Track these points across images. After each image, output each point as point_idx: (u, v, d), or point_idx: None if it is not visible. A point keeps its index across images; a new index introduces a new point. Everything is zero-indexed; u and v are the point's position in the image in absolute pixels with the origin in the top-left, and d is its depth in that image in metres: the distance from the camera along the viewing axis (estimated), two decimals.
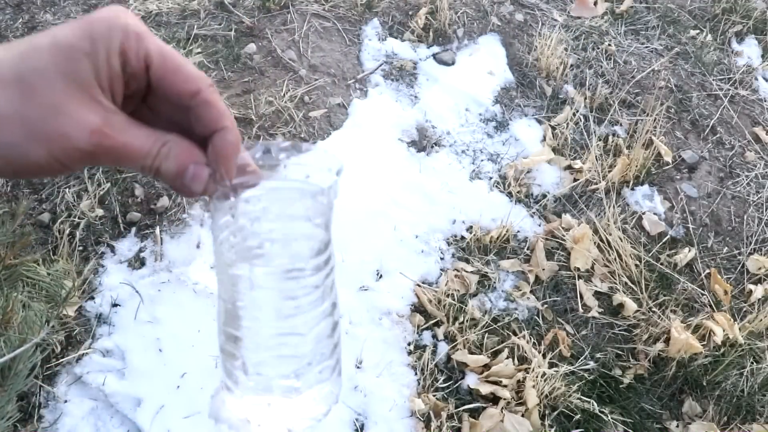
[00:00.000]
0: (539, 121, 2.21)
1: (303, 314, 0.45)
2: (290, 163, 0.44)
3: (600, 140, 2.14)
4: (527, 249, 1.85)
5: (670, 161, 2.13)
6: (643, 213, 1.99)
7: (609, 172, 2.04)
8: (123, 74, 0.38)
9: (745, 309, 1.81)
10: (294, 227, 0.45)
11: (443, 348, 1.60)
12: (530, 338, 1.64)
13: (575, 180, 2.02)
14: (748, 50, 2.62)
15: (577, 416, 1.52)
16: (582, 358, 1.64)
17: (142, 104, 0.42)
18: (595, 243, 1.85)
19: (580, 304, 1.75)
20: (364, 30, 2.38)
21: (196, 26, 2.29)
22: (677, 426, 1.58)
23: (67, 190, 1.76)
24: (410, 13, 2.47)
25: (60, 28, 0.37)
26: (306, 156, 0.45)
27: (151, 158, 0.39)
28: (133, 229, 1.72)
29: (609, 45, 2.49)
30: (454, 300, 1.67)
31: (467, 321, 1.63)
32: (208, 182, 0.41)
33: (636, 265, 1.81)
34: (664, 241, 1.92)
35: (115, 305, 1.57)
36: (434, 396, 1.52)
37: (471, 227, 1.86)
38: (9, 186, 1.77)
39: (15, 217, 1.02)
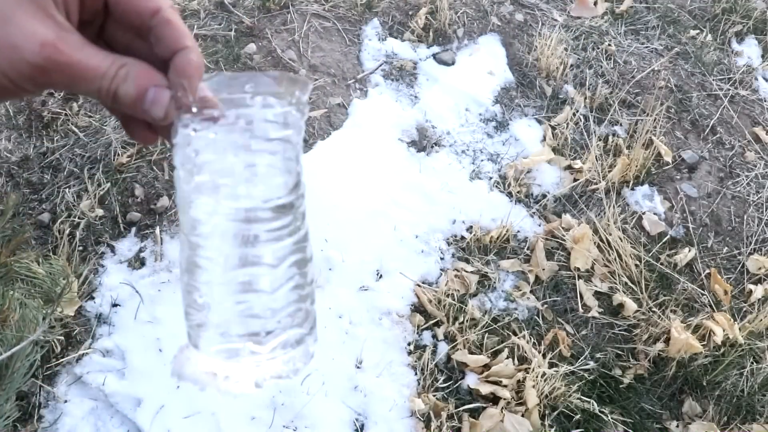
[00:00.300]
0: (539, 121, 2.21)
1: (270, 243, 0.41)
2: (255, 91, 0.41)
3: (600, 140, 2.14)
4: (527, 249, 1.85)
5: (670, 161, 2.13)
6: (643, 213, 1.99)
7: (609, 172, 2.04)
8: None
9: (745, 309, 1.81)
10: (259, 157, 0.42)
11: (443, 348, 1.60)
12: (530, 338, 1.64)
13: (575, 180, 2.02)
14: (748, 50, 2.62)
15: (577, 416, 1.52)
16: (582, 358, 1.64)
17: (99, 39, 0.40)
18: (595, 243, 1.85)
19: (580, 304, 1.75)
20: (364, 30, 2.38)
21: (196, 26, 2.29)
22: (677, 426, 1.58)
23: (67, 190, 1.77)
24: (410, 13, 2.47)
25: None
26: (271, 83, 0.42)
27: (108, 80, 0.36)
28: (133, 229, 1.72)
29: (609, 45, 2.49)
30: (454, 300, 1.67)
31: (467, 321, 1.63)
32: (169, 106, 0.38)
33: (636, 265, 1.81)
34: (664, 241, 1.92)
35: (115, 305, 1.57)
36: (434, 396, 1.52)
37: (471, 227, 1.86)
38: (9, 186, 1.77)
39: (4, 213, 1.02)
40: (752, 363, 1.65)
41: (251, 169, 0.41)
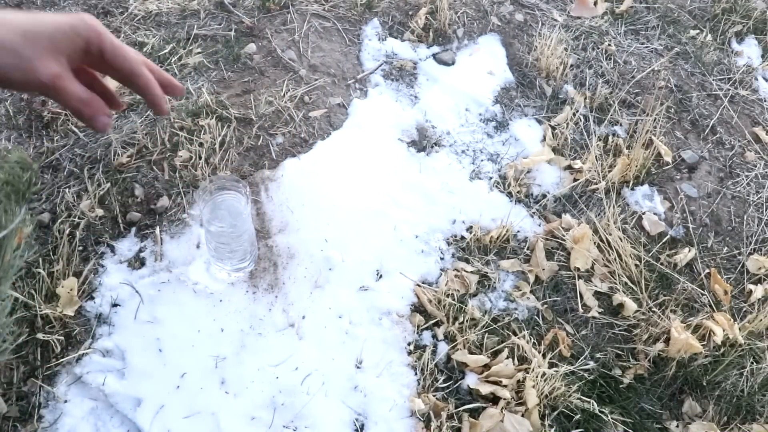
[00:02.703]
0: (539, 121, 2.21)
1: (237, 241, 1.49)
2: (229, 185, 1.49)
3: (600, 140, 2.14)
4: (527, 249, 1.85)
5: (670, 161, 2.13)
6: (643, 213, 1.99)
7: (609, 172, 2.04)
8: (84, 56, 0.64)
9: (745, 309, 1.81)
10: (232, 211, 1.47)
11: (443, 348, 1.60)
12: (530, 338, 1.64)
13: (575, 180, 2.02)
14: (748, 50, 2.62)
15: (577, 416, 1.52)
16: (582, 358, 1.64)
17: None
18: (595, 243, 1.85)
19: (580, 304, 1.75)
20: (364, 30, 2.38)
21: (196, 26, 2.29)
22: (677, 426, 1.58)
23: (67, 190, 1.76)
24: (410, 13, 2.47)
25: (61, 16, 0.62)
26: (232, 182, 1.47)
27: (80, 103, 0.64)
28: (133, 229, 1.72)
29: (609, 45, 2.49)
30: (454, 300, 1.67)
31: (467, 321, 1.63)
32: (106, 124, 0.66)
33: (636, 265, 1.81)
34: (664, 241, 1.92)
35: (115, 305, 1.57)
36: (434, 396, 1.52)
37: (471, 227, 1.86)
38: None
39: None
40: (752, 363, 1.65)
41: (230, 216, 1.47)
